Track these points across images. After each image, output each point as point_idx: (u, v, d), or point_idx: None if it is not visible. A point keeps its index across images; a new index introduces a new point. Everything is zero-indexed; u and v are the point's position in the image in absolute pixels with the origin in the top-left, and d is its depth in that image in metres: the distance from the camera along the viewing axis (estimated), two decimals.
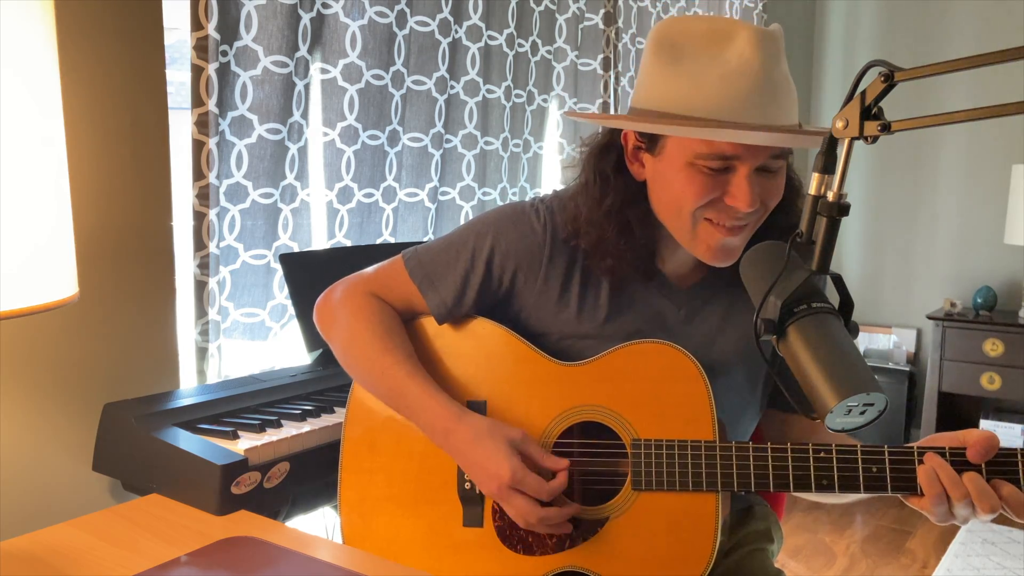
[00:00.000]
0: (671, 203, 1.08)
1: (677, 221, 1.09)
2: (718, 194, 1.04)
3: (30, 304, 0.81)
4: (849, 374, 0.84)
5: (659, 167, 1.09)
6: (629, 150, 1.12)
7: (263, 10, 1.68)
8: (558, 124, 2.58)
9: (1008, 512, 0.97)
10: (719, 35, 1.02)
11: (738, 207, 1.03)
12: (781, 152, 1.05)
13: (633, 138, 1.11)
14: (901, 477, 1.00)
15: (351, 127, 1.92)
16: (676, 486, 1.07)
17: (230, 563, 0.97)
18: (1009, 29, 3.56)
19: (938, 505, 0.97)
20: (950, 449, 0.99)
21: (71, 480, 1.42)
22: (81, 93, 1.39)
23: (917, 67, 0.79)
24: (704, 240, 1.08)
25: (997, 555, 2.95)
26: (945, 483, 0.97)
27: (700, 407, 1.08)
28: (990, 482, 0.96)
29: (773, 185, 1.07)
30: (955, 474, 0.97)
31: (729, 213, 1.05)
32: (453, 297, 1.18)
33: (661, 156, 1.08)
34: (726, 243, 1.07)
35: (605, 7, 2.70)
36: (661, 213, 1.12)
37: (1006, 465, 0.98)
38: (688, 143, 1.04)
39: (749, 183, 1.03)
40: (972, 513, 0.97)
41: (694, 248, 1.10)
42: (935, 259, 3.89)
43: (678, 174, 1.05)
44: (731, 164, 1.03)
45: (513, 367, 1.16)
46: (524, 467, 1.04)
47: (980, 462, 0.97)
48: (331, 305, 1.23)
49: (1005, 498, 0.96)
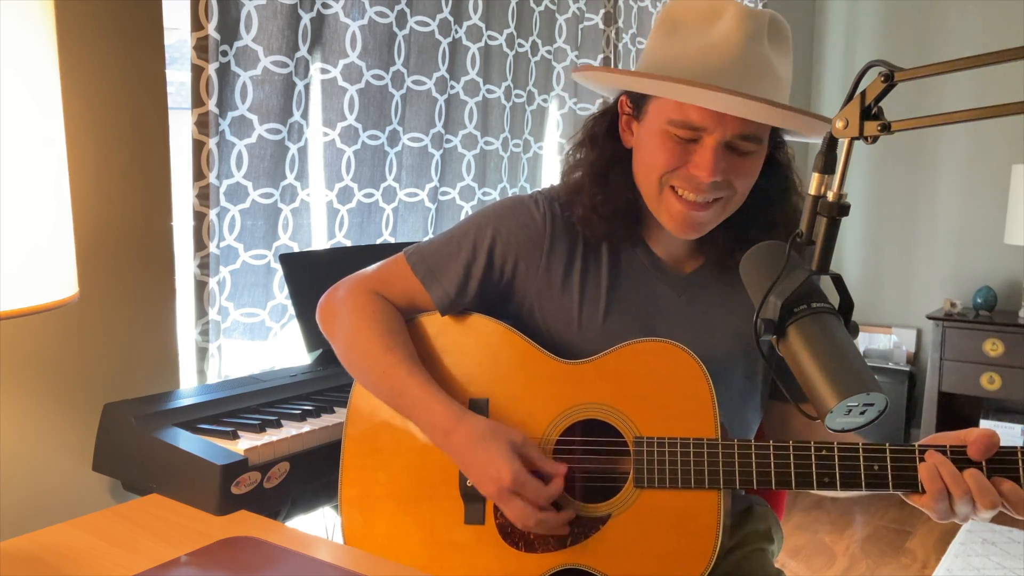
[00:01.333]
0: (643, 167, 1.14)
1: (647, 186, 1.14)
2: (684, 162, 1.09)
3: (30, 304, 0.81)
4: (849, 374, 0.84)
5: (642, 133, 1.15)
6: (623, 120, 1.19)
7: (263, 10, 1.68)
8: (558, 124, 2.58)
9: (1008, 509, 0.98)
10: (712, 12, 1.09)
11: (699, 176, 1.08)
12: (753, 134, 1.08)
13: (626, 106, 1.17)
14: (902, 475, 1.01)
15: (351, 127, 1.92)
16: (678, 484, 1.07)
17: (230, 563, 0.97)
18: (1009, 29, 3.56)
19: (939, 502, 0.97)
20: (951, 447, 1.00)
21: (71, 480, 1.42)
22: (81, 93, 1.39)
23: (917, 67, 0.79)
24: (667, 208, 1.13)
25: (997, 555, 2.95)
26: (946, 480, 0.97)
27: (702, 405, 1.09)
28: (990, 479, 0.97)
29: (743, 165, 1.10)
30: (956, 471, 0.97)
31: (692, 182, 1.09)
32: (456, 288, 1.19)
33: (643, 121, 1.14)
34: (690, 215, 1.11)
35: (605, 7, 2.70)
36: (636, 176, 1.17)
37: (1006, 463, 0.98)
38: (663, 108, 1.09)
39: (713, 154, 1.07)
40: (972, 510, 0.98)
41: (660, 215, 1.15)
42: (935, 259, 3.89)
43: (652, 139, 1.11)
44: (699, 135, 1.08)
45: (515, 365, 1.16)
46: (524, 471, 1.04)
47: (981, 459, 0.98)
48: (334, 304, 1.23)
49: (1005, 494, 0.97)
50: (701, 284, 1.22)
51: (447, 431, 1.09)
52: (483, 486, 1.07)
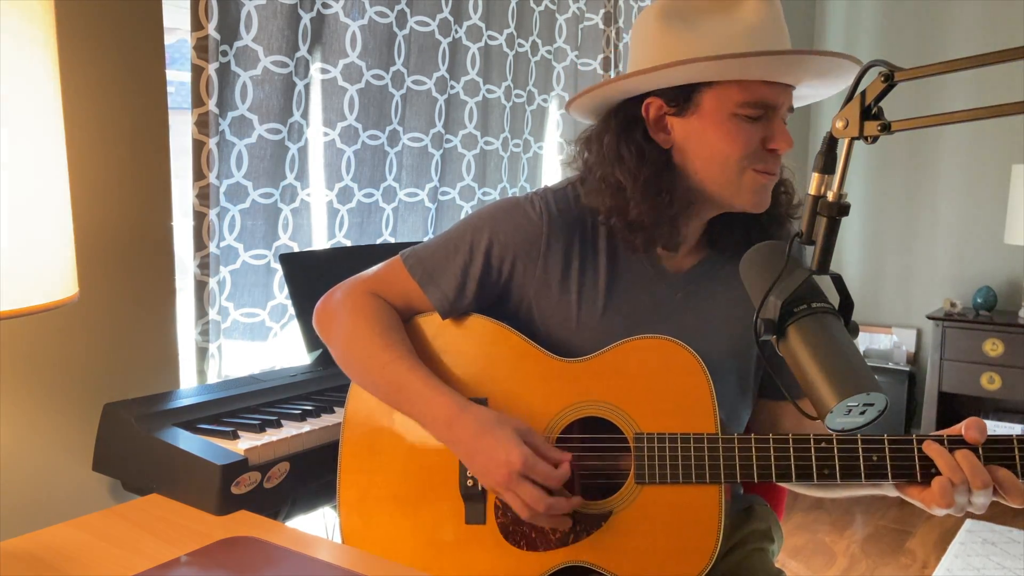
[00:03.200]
0: (715, 158, 1.12)
1: (722, 175, 1.13)
2: (759, 140, 1.11)
3: (30, 304, 0.81)
4: (849, 374, 0.84)
5: (694, 126, 1.13)
6: (652, 120, 1.15)
7: (263, 10, 1.68)
8: (558, 124, 2.58)
9: (1002, 496, 0.99)
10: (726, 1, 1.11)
11: (781, 149, 1.11)
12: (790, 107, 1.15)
13: (657, 105, 1.14)
14: (901, 464, 1.02)
15: (351, 127, 1.92)
16: (679, 479, 1.07)
17: (230, 563, 0.97)
18: (1009, 29, 3.56)
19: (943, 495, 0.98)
20: (948, 436, 1.01)
21: (71, 480, 1.42)
22: (81, 93, 1.39)
23: (917, 67, 0.79)
24: (750, 187, 1.13)
25: (997, 555, 2.95)
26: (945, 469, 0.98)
27: (701, 400, 1.09)
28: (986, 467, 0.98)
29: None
30: (952, 459, 0.99)
31: (771, 158, 1.12)
32: (454, 290, 1.18)
33: (696, 114, 1.12)
34: (768, 186, 1.15)
35: (605, 7, 2.70)
36: (701, 171, 1.14)
37: (1002, 451, 1.00)
38: (728, 94, 1.09)
39: (784, 126, 1.13)
40: (968, 500, 0.99)
41: (738, 198, 1.14)
42: (935, 259, 3.89)
43: (720, 127, 1.11)
44: (768, 111, 1.11)
45: (514, 364, 1.16)
46: (534, 454, 1.04)
47: (979, 440, 1.00)
48: (331, 307, 1.23)
49: (1000, 481, 0.98)
50: (698, 282, 1.22)
51: (450, 422, 1.09)
52: (490, 474, 1.05)
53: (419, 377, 1.12)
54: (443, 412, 1.10)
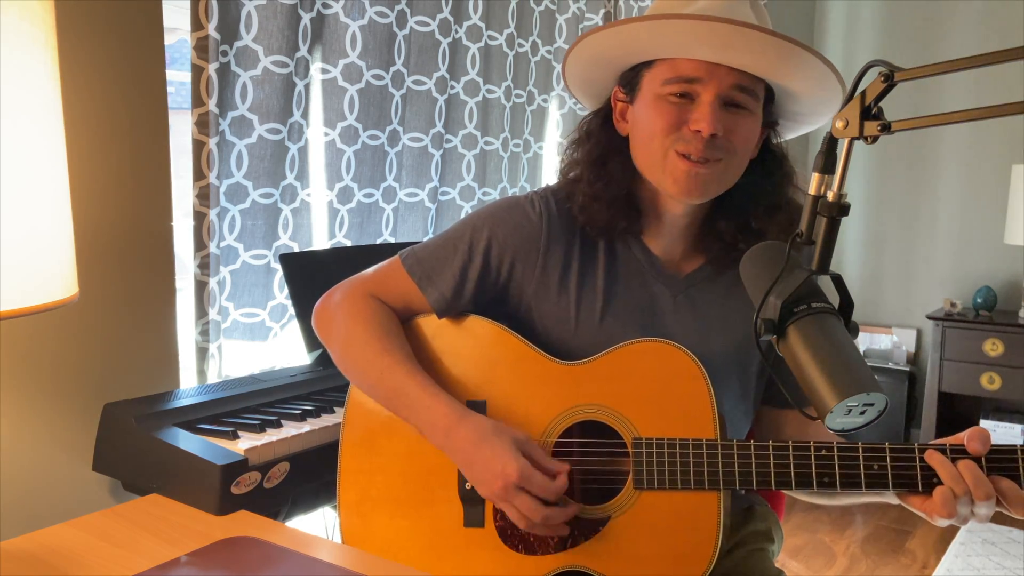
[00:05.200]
0: (643, 139, 1.14)
1: (648, 157, 1.14)
2: (682, 121, 1.10)
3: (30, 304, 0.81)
4: (849, 374, 0.84)
5: (638, 112, 1.15)
6: (617, 111, 1.20)
7: (263, 10, 1.68)
8: (558, 124, 2.58)
9: (1006, 507, 0.98)
10: None
11: (701, 128, 1.08)
12: (748, 87, 1.09)
13: (617, 96, 1.19)
14: (902, 474, 1.01)
15: (351, 127, 1.92)
16: (678, 485, 1.07)
17: (230, 563, 0.97)
18: (1009, 29, 3.56)
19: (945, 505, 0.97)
20: (951, 445, 1.00)
21: (71, 480, 1.42)
22: (81, 93, 1.39)
23: (917, 67, 0.79)
24: (671, 171, 1.12)
25: (997, 555, 2.95)
26: (947, 480, 0.97)
27: (701, 406, 1.08)
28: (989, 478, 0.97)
29: (740, 122, 1.11)
30: (955, 470, 0.98)
31: (694, 140, 1.09)
32: (452, 290, 1.18)
33: (639, 99, 1.15)
34: (692, 172, 1.10)
35: (605, 7, 2.70)
36: (637, 156, 1.17)
37: (1005, 461, 0.99)
38: (656, 74, 1.11)
39: (711, 108, 1.08)
40: (971, 511, 0.98)
41: (664, 183, 1.13)
42: (935, 259, 3.89)
43: (648, 109, 1.12)
44: (694, 89, 1.09)
45: (513, 366, 1.16)
46: (530, 466, 1.04)
47: (981, 452, 0.99)
48: (329, 309, 1.23)
49: (1003, 491, 0.97)
50: (699, 285, 1.21)
51: (448, 430, 1.08)
52: (486, 484, 1.05)
53: (417, 383, 1.12)
54: (441, 420, 1.09)
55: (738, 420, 1.24)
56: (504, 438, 1.05)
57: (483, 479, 1.06)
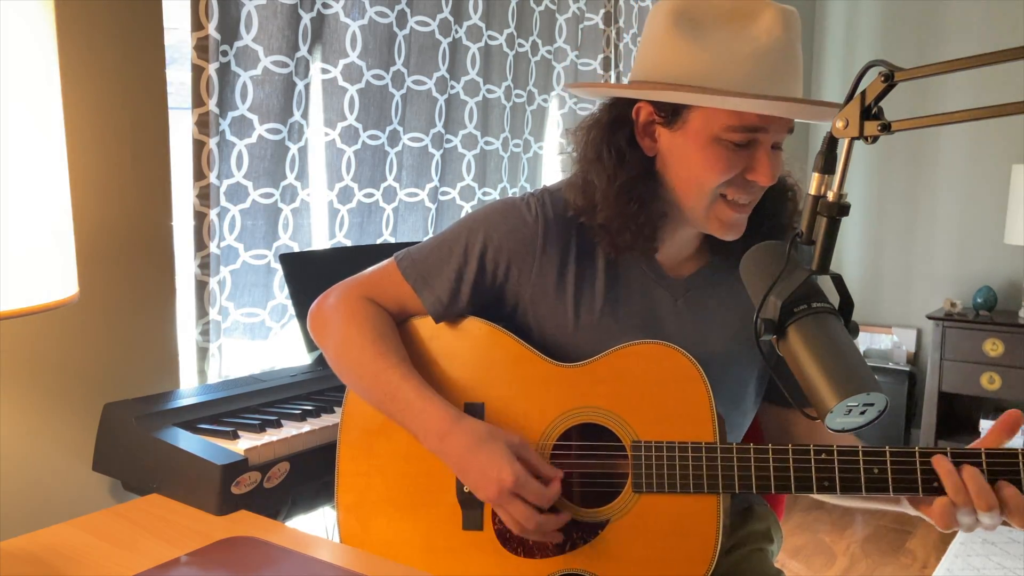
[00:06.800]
0: (691, 179, 1.10)
1: (695, 198, 1.10)
2: (740, 170, 1.07)
3: (30, 304, 0.81)
4: (849, 374, 0.84)
5: (678, 141, 1.09)
6: (641, 124, 1.12)
7: (263, 10, 1.68)
8: (558, 124, 2.58)
9: (1008, 517, 0.97)
10: (742, 12, 1.05)
11: (760, 182, 1.07)
12: (790, 129, 1.09)
13: (648, 111, 1.11)
14: (902, 478, 1.00)
15: (351, 127, 1.92)
16: (677, 488, 1.06)
17: (230, 563, 0.97)
18: (1009, 29, 3.56)
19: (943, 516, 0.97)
20: (952, 451, 0.99)
21: (71, 480, 1.42)
22: (81, 93, 1.39)
23: (917, 67, 0.79)
24: (718, 216, 1.11)
25: (997, 555, 2.95)
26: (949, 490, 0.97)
27: (700, 408, 1.08)
28: (995, 483, 0.96)
29: (780, 162, 1.11)
30: (959, 480, 0.96)
31: (748, 189, 1.08)
32: (448, 294, 1.17)
33: (683, 130, 1.09)
34: (740, 219, 1.11)
35: (605, 7, 2.70)
36: (678, 188, 1.12)
37: (1007, 465, 0.98)
38: (716, 116, 1.05)
39: (770, 158, 1.07)
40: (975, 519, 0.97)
41: (705, 224, 1.12)
42: (935, 259, 3.89)
43: (702, 150, 1.07)
44: (755, 138, 1.06)
45: (511, 369, 1.15)
46: (525, 472, 1.03)
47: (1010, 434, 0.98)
48: (324, 311, 1.22)
49: (1006, 500, 0.96)
50: (698, 288, 1.21)
51: (443, 435, 1.08)
52: (482, 489, 1.05)
53: (412, 387, 1.11)
54: (436, 424, 1.08)
55: (737, 422, 1.23)
56: (498, 443, 1.05)
57: (478, 484, 1.05)
